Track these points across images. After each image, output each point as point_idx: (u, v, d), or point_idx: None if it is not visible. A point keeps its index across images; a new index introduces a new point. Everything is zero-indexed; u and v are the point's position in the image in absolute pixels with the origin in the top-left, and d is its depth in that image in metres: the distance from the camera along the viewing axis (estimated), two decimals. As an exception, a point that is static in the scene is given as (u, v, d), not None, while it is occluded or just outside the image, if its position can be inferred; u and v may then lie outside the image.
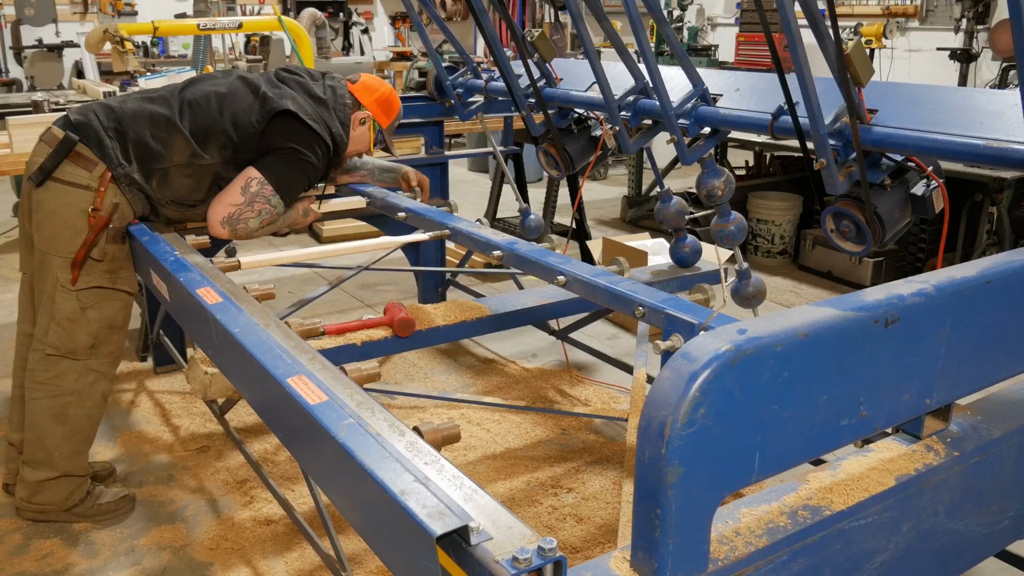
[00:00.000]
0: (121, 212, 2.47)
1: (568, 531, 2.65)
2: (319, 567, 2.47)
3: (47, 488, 2.57)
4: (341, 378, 1.54)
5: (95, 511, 2.65)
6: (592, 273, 2.21)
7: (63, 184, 2.40)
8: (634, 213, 6.67)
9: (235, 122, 2.52)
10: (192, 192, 2.57)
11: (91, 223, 2.40)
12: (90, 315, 2.46)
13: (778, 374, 1.02)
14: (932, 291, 1.17)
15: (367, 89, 2.82)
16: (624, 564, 1.06)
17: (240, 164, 2.54)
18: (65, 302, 2.43)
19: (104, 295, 2.48)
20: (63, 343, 2.46)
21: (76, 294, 2.44)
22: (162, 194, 2.53)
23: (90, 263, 2.43)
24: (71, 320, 2.45)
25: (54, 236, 2.41)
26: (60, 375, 2.48)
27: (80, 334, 2.47)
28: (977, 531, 1.41)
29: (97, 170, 2.41)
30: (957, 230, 4.80)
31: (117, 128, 2.45)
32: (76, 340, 2.46)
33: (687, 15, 9.33)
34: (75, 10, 10.20)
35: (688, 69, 2.33)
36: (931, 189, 2.02)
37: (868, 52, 4.16)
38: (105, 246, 2.44)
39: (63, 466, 2.55)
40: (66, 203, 2.40)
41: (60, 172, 2.40)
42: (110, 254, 2.46)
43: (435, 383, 3.71)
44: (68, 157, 2.40)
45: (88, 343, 2.48)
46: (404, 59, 10.37)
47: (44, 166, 2.40)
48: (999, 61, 7.25)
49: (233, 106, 2.54)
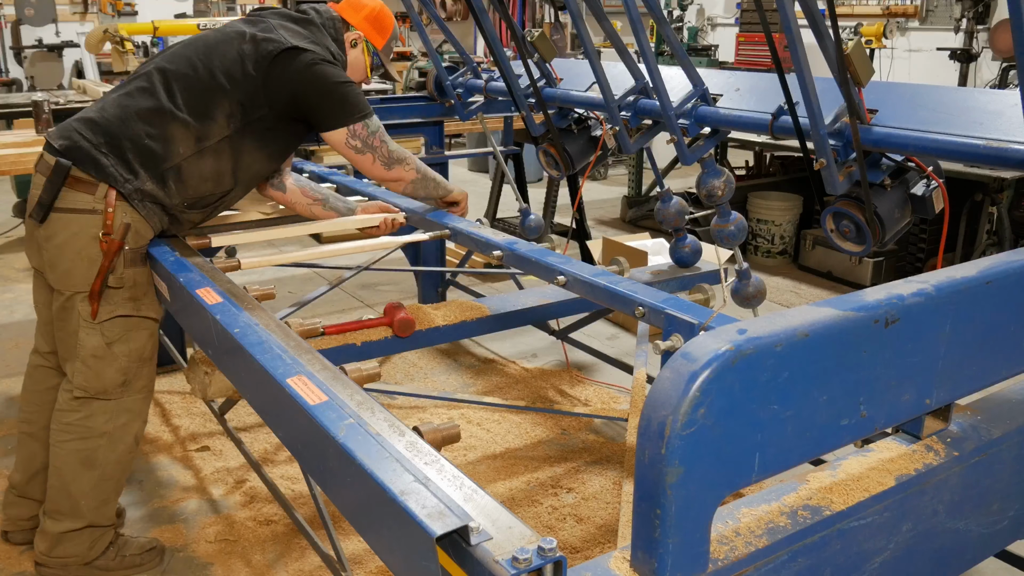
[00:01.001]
0: (135, 231, 2.21)
1: (568, 531, 2.65)
2: (319, 567, 2.47)
3: (68, 539, 2.32)
4: (341, 378, 1.54)
5: (120, 564, 2.40)
6: (592, 273, 2.21)
7: (67, 213, 2.17)
8: (634, 213, 6.67)
9: (230, 77, 2.23)
10: (217, 183, 2.30)
11: (104, 248, 2.15)
12: (117, 349, 2.23)
13: (778, 374, 1.02)
14: (932, 291, 1.17)
15: (353, 6, 2.55)
16: (624, 564, 1.06)
17: (255, 125, 2.28)
18: (89, 338, 2.21)
19: (129, 325, 2.24)
20: (92, 383, 2.23)
21: (99, 328, 2.20)
22: (182, 196, 2.26)
23: (109, 292, 2.18)
24: (97, 357, 2.22)
25: (69, 271, 2.19)
26: (90, 416, 2.25)
27: (109, 371, 2.23)
28: (977, 531, 1.41)
29: (100, 190, 2.16)
30: (957, 230, 4.80)
31: (108, 141, 2.19)
32: (105, 378, 2.23)
33: (687, 15, 9.33)
34: (75, 10, 10.20)
35: (688, 69, 2.33)
36: (931, 189, 2.02)
37: (868, 52, 4.16)
38: (123, 271, 2.19)
39: (89, 516, 2.31)
40: (74, 233, 2.16)
41: (61, 201, 2.17)
42: (130, 279, 2.21)
43: (435, 383, 3.71)
44: (66, 184, 2.16)
45: (118, 380, 2.25)
46: (404, 59, 10.35)
47: (42, 200, 2.18)
48: (999, 61, 7.25)
49: (222, 61, 2.25)
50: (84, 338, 2.21)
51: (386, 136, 2.42)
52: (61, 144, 2.19)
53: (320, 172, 3.34)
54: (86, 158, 2.17)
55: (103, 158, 2.17)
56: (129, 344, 2.25)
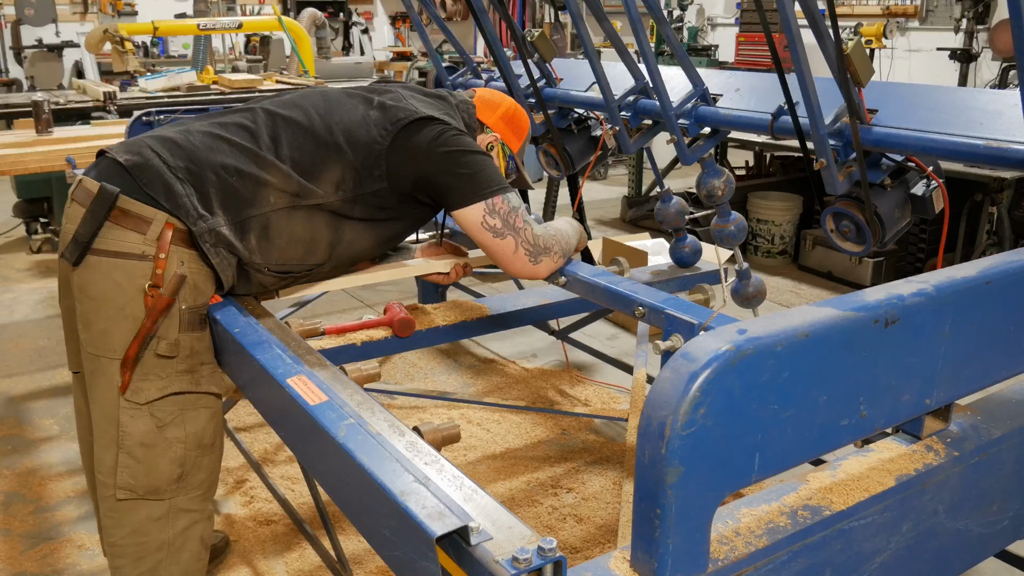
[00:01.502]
0: (193, 285, 1.75)
1: (568, 531, 2.65)
2: (319, 567, 2.47)
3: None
4: (341, 378, 1.54)
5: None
6: (592, 273, 2.21)
7: (109, 257, 1.71)
8: (634, 213, 6.67)
9: (350, 138, 1.87)
10: (308, 251, 1.89)
11: (148, 305, 1.70)
12: (171, 434, 1.76)
13: (778, 374, 1.02)
14: (932, 291, 1.17)
15: (488, 104, 2.17)
16: (624, 564, 1.06)
17: (367, 200, 1.89)
18: (134, 423, 1.73)
19: (186, 403, 1.78)
20: (139, 480, 1.76)
21: (147, 408, 1.73)
22: (264, 256, 1.83)
23: (160, 362, 1.73)
24: (146, 446, 1.74)
25: (107, 332, 1.72)
26: (141, 528, 1.79)
27: (161, 463, 1.76)
28: (977, 531, 1.41)
29: (153, 229, 1.71)
30: (957, 230, 4.80)
31: (189, 168, 1.77)
32: (157, 473, 1.76)
33: (687, 15, 9.33)
34: (75, 10, 10.20)
35: (688, 69, 2.33)
36: (931, 189, 2.02)
37: (868, 52, 4.16)
38: (179, 336, 1.74)
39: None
40: (116, 282, 1.70)
41: (102, 240, 1.71)
42: (186, 346, 1.75)
43: (435, 383, 3.71)
44: (109, 217, 1.71)
45: (174, 474, 1.78)
46: (404, 59, 10.37)
47: (78, 236, 1.72)
48: (999, 61, 7.25)
49: (343, 120, 1.90)
50: (128, 422, 1.73)
51: (528, 217, 1.98)
52: (128, 159, 1.76)
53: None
54: (156, 179, 1.74)
55: (178, 184, 1.75)
56: (186, 427, 1.78)
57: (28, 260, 5.49)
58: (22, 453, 3.11)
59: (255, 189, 1.79)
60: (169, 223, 1.72)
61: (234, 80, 5.46)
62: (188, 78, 5.46)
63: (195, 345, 1.77)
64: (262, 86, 5.32)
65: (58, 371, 3.73)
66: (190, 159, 1.78)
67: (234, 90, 5.24)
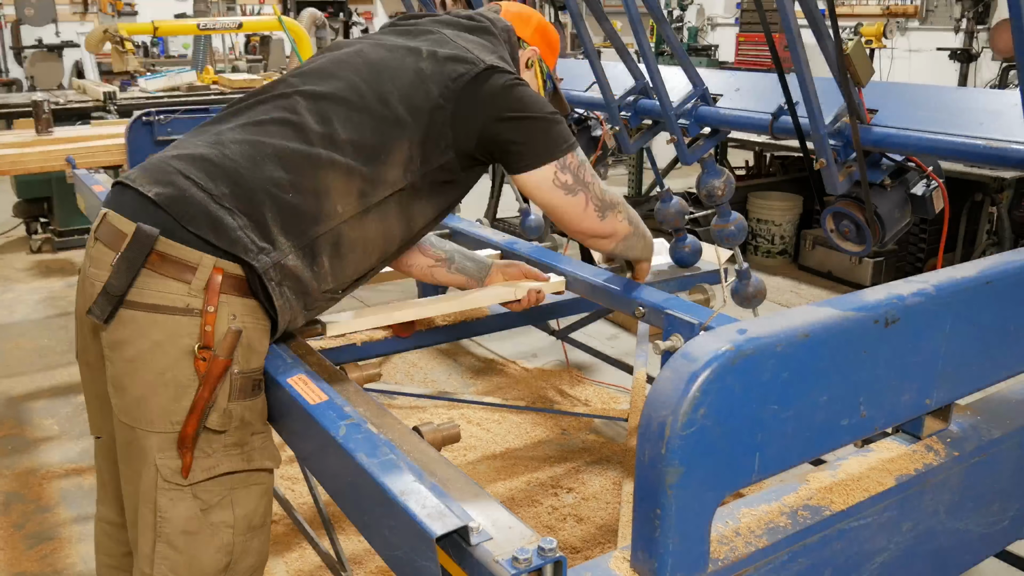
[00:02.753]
0: (247, 345, 1.46)
1: (568, 531, 2.65)
2: (319, 567, 2.47)
3: None
4: (341, 378, 1.54)
5: None
6: (592, 273, 2.21)
7: (145, 311, 1.41)
8: (634, 213, 6.67)
9: (411, 107, 1.57)
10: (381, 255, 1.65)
11: (200, 369, 1.41)
12: (217, 518, 1.48)
13: (778, 374, 1.02)
14: (932, 291, 1.17)
15: (521, 19, 1.88)
16: (624, 564, 1.06)
17: (435, 174, 1.62)
18: (175, 507, 1.44)
19: (236, 483, 1.49)
20: (180, 573, 1.47)
21: (191, 490, 1.45)
22: (338, 278, 1.56)
23: (208, 437, 1.44)
24: (189, 534, 1.46)
25: (144, 400, 1.43)
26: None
27: (206, 552, 1.47)
28: (977, 531, 1.41)
29: (199, 276, 1.41)
30: (957, 230, 4.80)
31: (235, 192, 1.45)
32: (201, 564, 1.47)
33: (687, 15, 9.34)
34: (75, 10, 10.21)
35: (688, 69, 2.33)
36: (931, 189, 2.02)
37: (868, 52, 4.16)
38: (229, 405, 1.45)
39: None
40: (155, 342, 1.41)
41: (137, 292, 1.41)
42: (237, 417, 1.47)
43: (435, 383, 3.71)
44: (147, 264, 1.41)
45: (220, 564, 1.49)
46: (404, 59, 10.35)
47: (110, 288, 1.41)
48: (999, 61, 7.26)
49: (397, 84, 1.59)
50: (167, 506, 1.44)
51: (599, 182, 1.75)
52: (159, 193, 1.44)
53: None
54: (200, 214, 1.43)
55: (227, 216, 1.43)
56: (235, 509, 1.50)
57: (28, 260, 5.49)
58: (22, 453, 3.11)
59: (318, 202, 1.50)
60: (218, 267, 1.41)
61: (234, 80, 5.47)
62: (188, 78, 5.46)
63: (246, 415, 1.48)
64: (262, 86, 5.31)
65: (58, 371, 3.73)
66: (234, 181, 1.46)
67: (234, 90, 5.25)
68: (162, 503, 1.44)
